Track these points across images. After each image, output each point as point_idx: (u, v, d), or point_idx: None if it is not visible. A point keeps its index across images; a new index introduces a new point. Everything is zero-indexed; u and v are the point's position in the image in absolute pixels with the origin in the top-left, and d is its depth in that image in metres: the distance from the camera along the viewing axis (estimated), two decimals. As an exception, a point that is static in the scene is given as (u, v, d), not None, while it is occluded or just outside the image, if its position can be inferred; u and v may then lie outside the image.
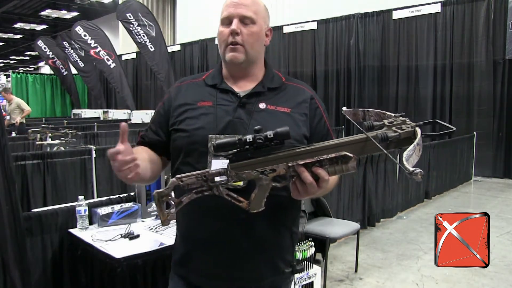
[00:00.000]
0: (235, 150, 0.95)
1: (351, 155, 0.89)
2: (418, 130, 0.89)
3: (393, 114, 0.95)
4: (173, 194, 1.03)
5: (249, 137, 0.93)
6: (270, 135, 0.92)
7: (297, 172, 0.92)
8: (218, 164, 1.11)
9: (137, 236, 2.07)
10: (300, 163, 0.92)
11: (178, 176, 0.98)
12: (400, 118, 0.92)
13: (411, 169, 0.80)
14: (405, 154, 0.82)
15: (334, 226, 3.10)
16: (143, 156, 1.13)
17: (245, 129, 1.11)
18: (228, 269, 1.14)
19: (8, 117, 7.68)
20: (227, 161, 0.97)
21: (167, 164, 1.24)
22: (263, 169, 0.94)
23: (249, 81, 1.20)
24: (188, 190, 0.99)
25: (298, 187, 0.94)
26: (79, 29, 12.02)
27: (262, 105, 1.15)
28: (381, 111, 1.02)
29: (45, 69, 23.14)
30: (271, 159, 0.94)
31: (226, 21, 1.15)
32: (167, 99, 1.22)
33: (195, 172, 0.98)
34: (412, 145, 0.84)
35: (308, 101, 1.20)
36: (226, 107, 1.15)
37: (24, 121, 8.36)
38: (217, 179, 0.97)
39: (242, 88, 1.18)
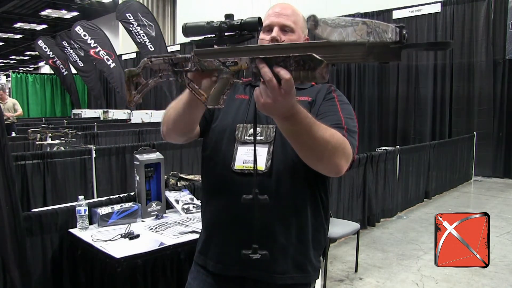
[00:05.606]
0: (203, 37, 0.91)
1: (320, 58, 0.73)
2: (395, 29, 0.67)
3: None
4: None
5: (216, 22, 0.88)
6: (237, 22, 0.87)
7: (258, 69, 0.82)
8: (244, 150, 1.17)
9: (137, 236, 2.07)
10: (261, 57, 0.81)
11: (149, 56, 0.99)
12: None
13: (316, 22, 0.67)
14: (334, 18, 0.68)
15: (334, 226, 3.10)
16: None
17: (266, 119, 1.19)
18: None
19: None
20: (252, 147, 0.97)
21: (197, 136, 1.26)
22: (225, 60, 0.87)
23: None
24: (155, 72, 0.98)
25: (260, 88, 0.83)
26: (79, 29, 12.03)
27: None
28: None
29: (45, 69, 23.13)
30: (235, 50, 0.86)
31: (267, 28, 1.22)
32: None
33: (164, 54, 0.97)
34: (361, 22, 0.67)
35: (326, 88, 1.25)
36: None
37: (16, 121, 8.39)
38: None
39: None
